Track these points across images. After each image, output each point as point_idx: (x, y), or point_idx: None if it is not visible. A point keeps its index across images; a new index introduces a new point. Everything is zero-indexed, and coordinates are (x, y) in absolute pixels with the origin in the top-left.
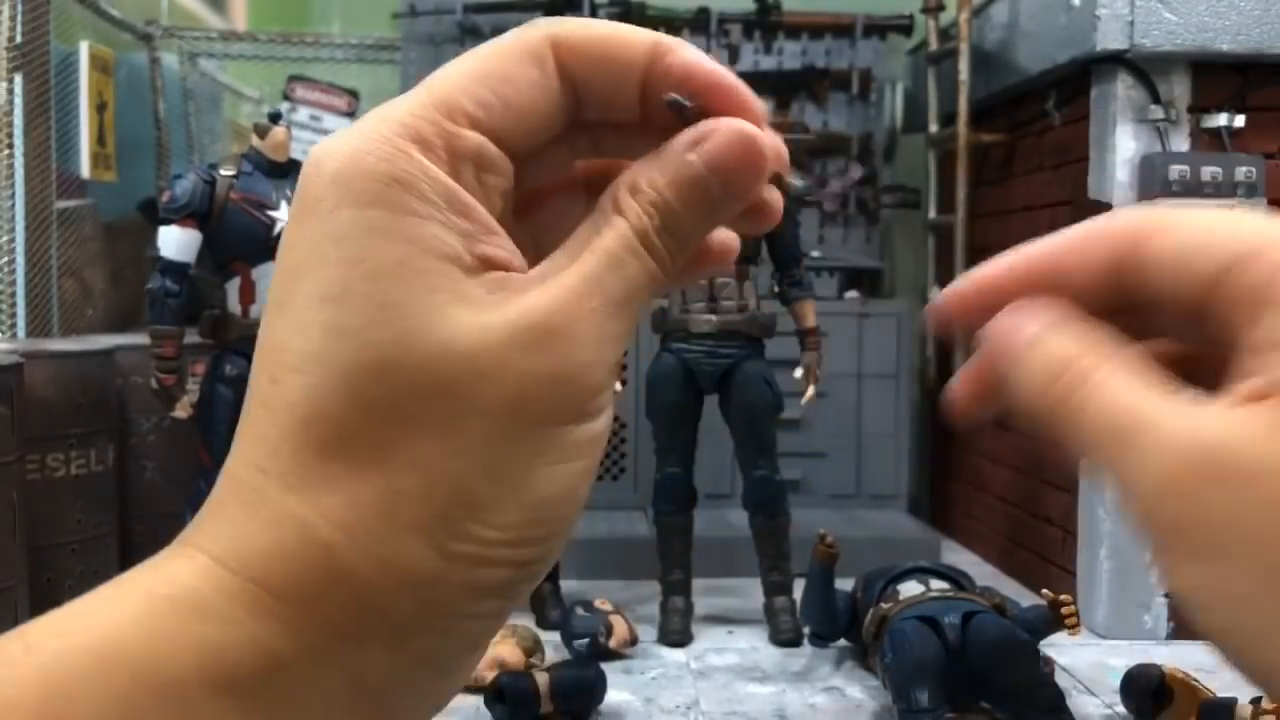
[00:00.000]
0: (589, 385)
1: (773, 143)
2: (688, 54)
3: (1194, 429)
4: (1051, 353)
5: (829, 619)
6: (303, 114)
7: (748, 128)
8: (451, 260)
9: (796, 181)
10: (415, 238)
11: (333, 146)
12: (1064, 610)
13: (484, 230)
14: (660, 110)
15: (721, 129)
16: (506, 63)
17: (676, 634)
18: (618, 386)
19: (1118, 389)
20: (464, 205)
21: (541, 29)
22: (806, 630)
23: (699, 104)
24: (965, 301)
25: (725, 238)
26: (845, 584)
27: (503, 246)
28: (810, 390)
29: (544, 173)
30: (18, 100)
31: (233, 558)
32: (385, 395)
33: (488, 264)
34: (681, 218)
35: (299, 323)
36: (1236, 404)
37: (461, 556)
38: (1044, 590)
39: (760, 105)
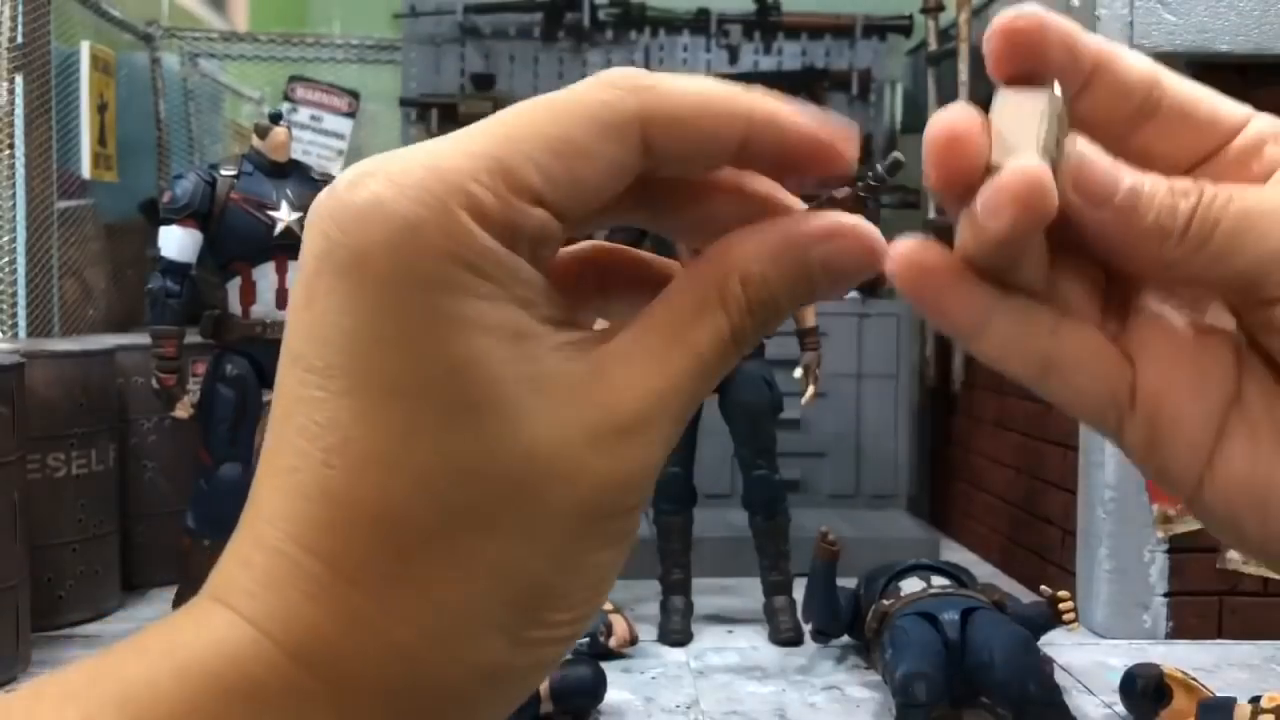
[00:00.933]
0: (652, 480)
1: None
2: (784, 127)
3: None
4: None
5: (831, 616)
6: (303, 114)
7: (877, 240)
8: (524, 337)
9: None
10: (488, 325)
11: (377, 199)
12: (1062, 606)
13: (545, 299)
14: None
15: (854, 237)
16: (589, 136)
17: (676, 633)
18: None
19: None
20: (527, 279)
21: (632, 101)
22: (809, 627)
23: (829, 195)
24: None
25: None
26: (847, 583)
27: (562, 306)
28: (810, 390)
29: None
30: (19, 100)
31: (303, 652)
32: (466, 501)
33: (556, 327)
34: (782, 312)
35: (358, 408)
36: None
37: (532, 642)
38: (1043, 586)
39: (853, 150)
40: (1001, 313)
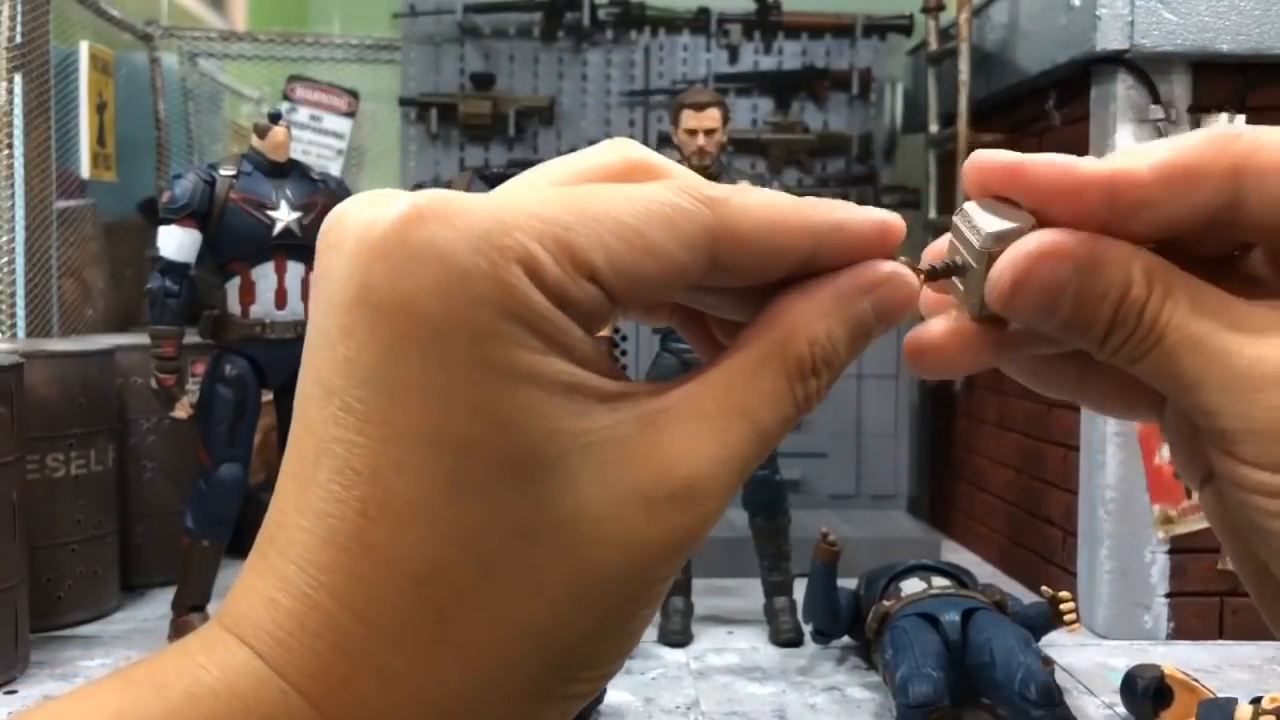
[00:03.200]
0: (702, 542)
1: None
2: (849, 234)
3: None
4: (1115, 279)
5: (831, 616)
6: (303, 114)
7: (910, 276)
8: (575, 391)
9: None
10: (538, 379)
11: (429, 244)
12: (1063, 607)
13: (596, 358)
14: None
15: (898, 280)
16: (660, 236)
17: (676, 634)
18: None
19: (1190, 317)
20: (579, 338)
21: (707, 215)
22: (809, 628)
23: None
24: (1001, 185)
25: None
26: (847, 583)
27: (613, 369)
28: None
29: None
30: (18, 100)
31: (336, 710)
32: (512, 561)
33: (607, 384)
34: (843, 367)
35: (401, 459)
36: None
37: (559, 698)
38: (1044, 587)
39: (902, 233)
40: (1029, 349)
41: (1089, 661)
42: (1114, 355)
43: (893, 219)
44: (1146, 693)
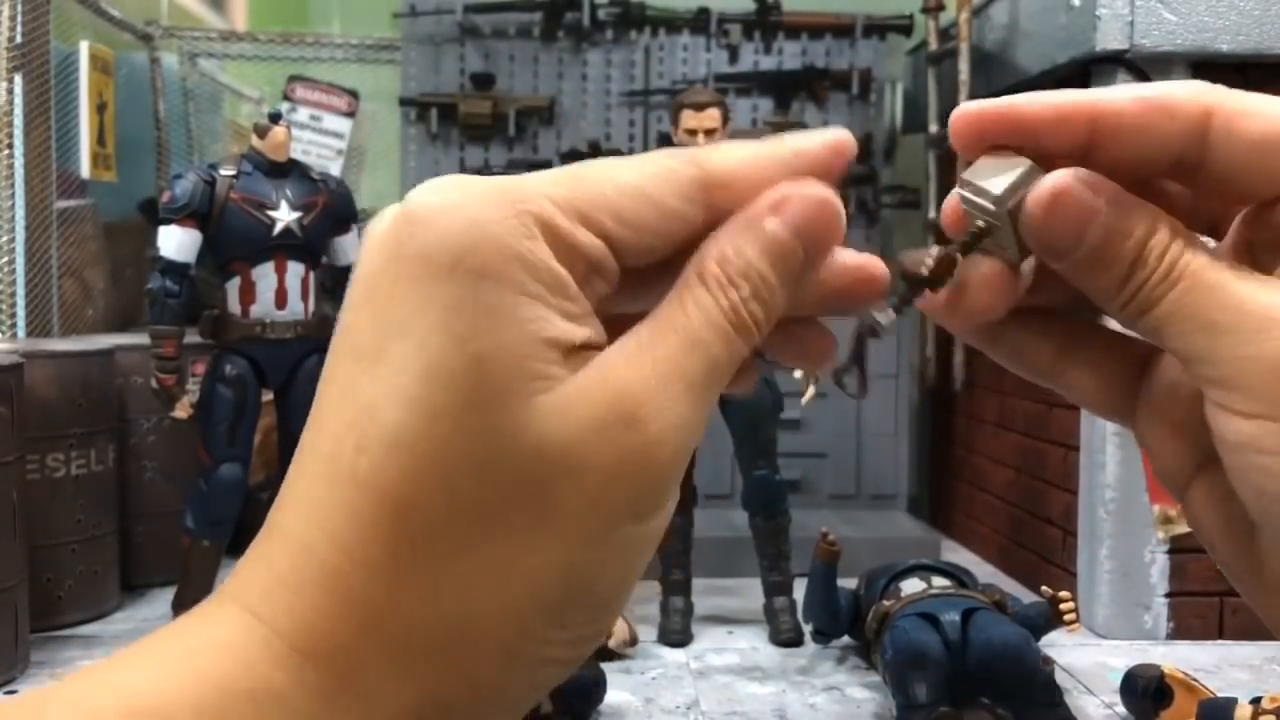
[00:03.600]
0: (667, 476)
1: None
2: (812, 159)
3: None
4: (1142, 220)
5: (831, 616)
6: (303, 114)
7: (822, 189)
8: (552, 344)
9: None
10: (525, 318)
11: (451, 203)
12: (1063, 607)
13: (584, 315)
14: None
15: (799, 193)
16: (656, 187)
17: (676, 634)
18: None
19: (1208, 265)
20: (572, 295)
21: (692, 167)
22: (809, 628)
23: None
24: (993, 126)
25: (823, 336)
26: (848, 583)
27: (596, 330)
28: (810, 390)
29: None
30: (18, 100)
31: (319, 650)
32: (479, 493)
33: (584, 346)
34: (772, 286)
35: (394, 389)
36: None
37: (526, 659)
38: (1044, 587)
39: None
40: (1038, 299)
41: (1089, 661)
42: (1130, 301)
43: (838, 135)
44: (1146, 692)
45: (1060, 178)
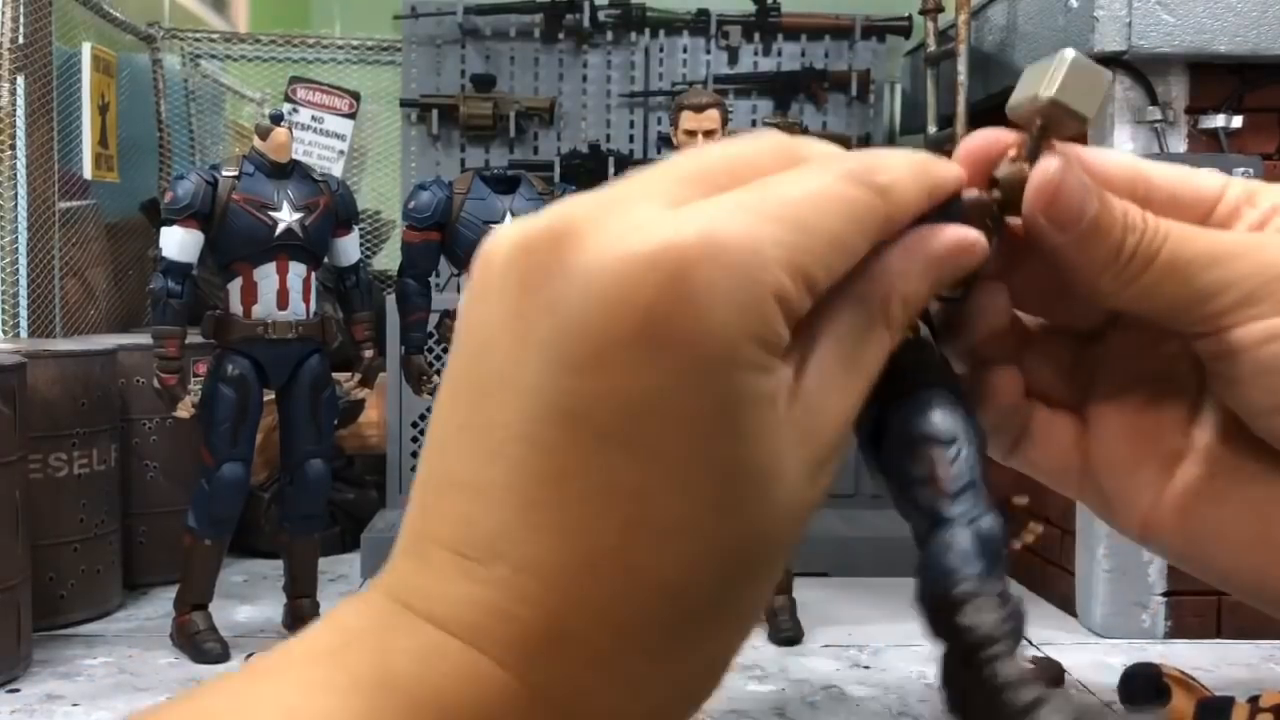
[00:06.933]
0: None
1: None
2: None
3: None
4: (1114, 204)
5: None
6: (304, 115)
7: (985, 248)
8: (782, 397)
9: None
10: (771, 398)
11: (714, 287)
12: (1029, 527)
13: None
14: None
15: (979, 251)
16: (854, 238)
17: None
18: None
19: (1183, 225)
20: (783, 349)
21: (882, 209)
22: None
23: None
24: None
25: None
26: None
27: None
28: None
29: None
30: (20, 101)
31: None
32: (748, 562)
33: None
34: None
35: (667, 482)
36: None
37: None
38: (1016, 498)
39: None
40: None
41: (1087, 660)
42: (1130, 260)
43: (963, 174)
44: (1145, 691)
45: (1060, 162)
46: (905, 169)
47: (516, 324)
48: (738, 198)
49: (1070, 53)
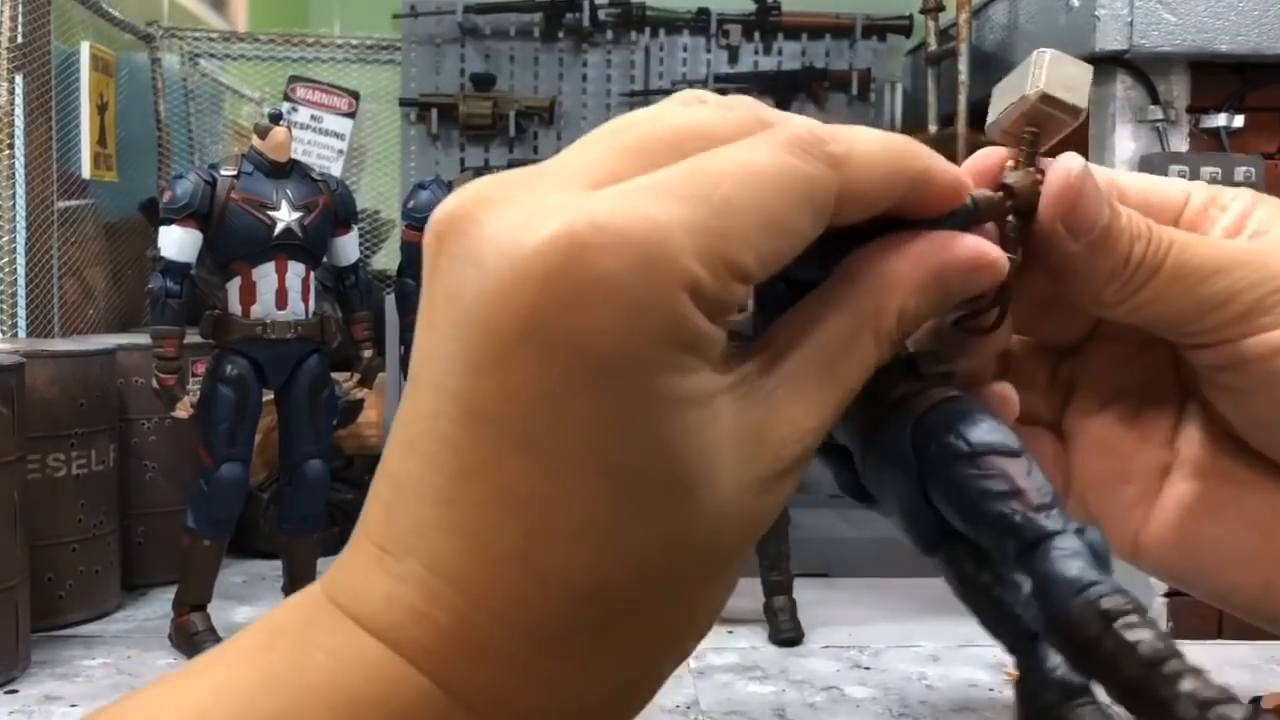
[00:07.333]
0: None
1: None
2: (935, 181)
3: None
4: (1122, 214)
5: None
6: (303, 114)
7: (1005, 265)
8: (714, 397)
9: None
10: (693, 400)
11: (606, 279)
12: None
13: (723, 354)
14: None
15: (996, 269)
16: (795, 214)
17: None
18: None
19: (1183, 233)
20: (721, 345)
21: (833, 179)
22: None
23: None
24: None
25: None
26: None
27: (729, 360)
28: None
29: None
30: (19, 100)
31: (491, 714)
32: (671, 571)
33: (729, 371)
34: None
35: (569, 489)
36: None
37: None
38: None
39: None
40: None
41: None
42: (1137, 270)
43: (966, 177)
44: None
45: (1081, 165)
46: (871, 141)
47: (427, 312)
48: (658, 178)
49: (1047, 51)
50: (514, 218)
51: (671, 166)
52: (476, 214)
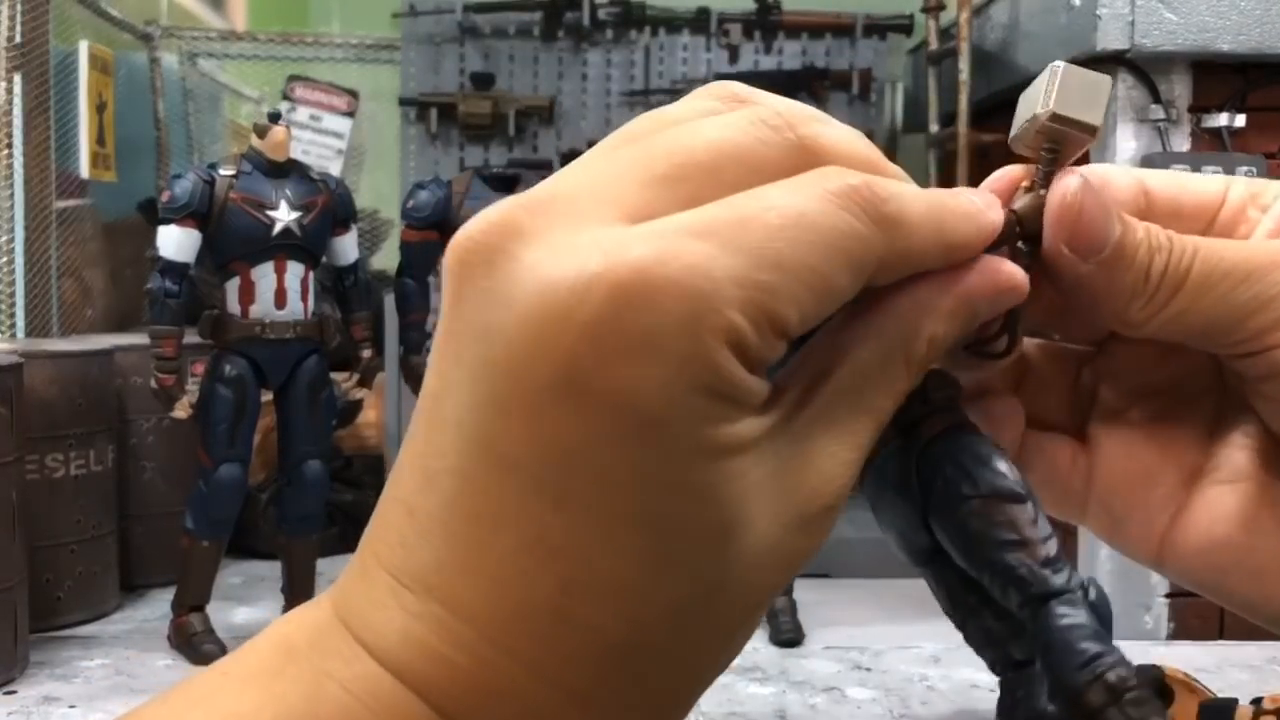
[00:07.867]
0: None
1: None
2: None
3: None
4: (1135, 227)
5: None
6: (302, 114)
7: (1026, 286)
8: (755, 444)
9: None
10: (732, 449)
11: (651, 334)
12: None
13: (762, 404)
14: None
15: (1020, 291)
16: (839, 274)
17: None
18: None
19: (1206, 239)
20: (760, 393)
21: (879, 242)
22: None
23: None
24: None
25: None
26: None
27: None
28: None
29: None
30: (17, 100)
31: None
32: (708, 619)
33: (767, 413)
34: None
35: (605, 540)
36: None
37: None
38: None
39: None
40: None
41: None
42: (1160, 285)
43: (991, 218)
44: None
45: (1077, 183)
46: (918, 201)
47: (450, 343)
48: (702, 218)
49: (1060, 64)
50: (548, 255)
51: (715, 205)
52: (507, 246)
